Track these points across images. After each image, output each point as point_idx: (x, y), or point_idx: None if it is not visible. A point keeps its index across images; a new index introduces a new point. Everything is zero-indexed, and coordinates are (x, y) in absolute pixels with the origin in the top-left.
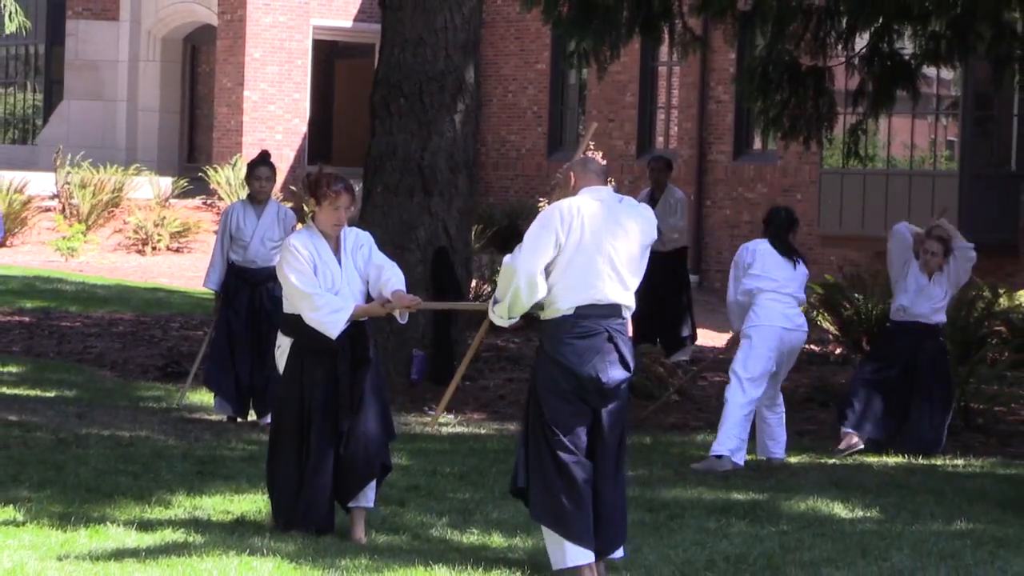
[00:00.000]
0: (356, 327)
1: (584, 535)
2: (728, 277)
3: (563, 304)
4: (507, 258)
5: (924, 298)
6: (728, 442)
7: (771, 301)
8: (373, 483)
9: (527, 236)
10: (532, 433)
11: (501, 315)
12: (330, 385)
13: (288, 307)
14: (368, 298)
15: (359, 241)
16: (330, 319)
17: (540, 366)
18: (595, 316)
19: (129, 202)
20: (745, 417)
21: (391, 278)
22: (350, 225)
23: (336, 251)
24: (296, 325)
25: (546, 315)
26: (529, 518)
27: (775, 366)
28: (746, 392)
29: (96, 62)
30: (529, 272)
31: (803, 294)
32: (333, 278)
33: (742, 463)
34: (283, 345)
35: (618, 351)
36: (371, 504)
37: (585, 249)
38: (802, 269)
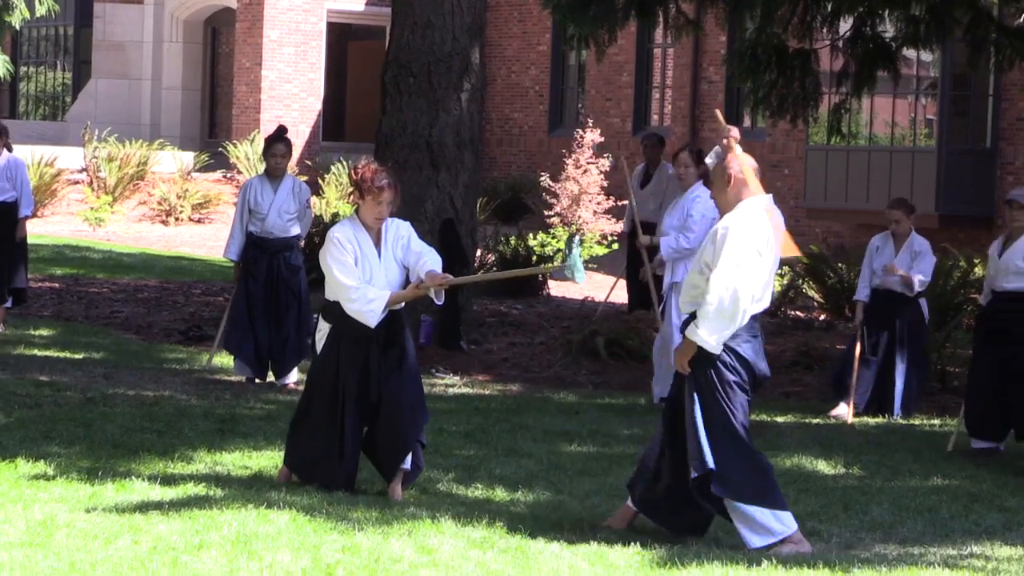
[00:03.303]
0: (392, 314)
1: (786, 503)
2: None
3: (752, 312)
4: (724, 279)
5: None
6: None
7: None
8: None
9: (734, 253)
10: (723, 422)
11: (721, 338)
12: (364, 368)
13: (329, 294)
14: (407, 285)
15: (399, 232)
16: (368, 309)
17: (723, 363)
18: (754, 318)
19: (153, 175)
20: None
21: (428, 261)
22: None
23: (377, 243)
24: (336, 313)
25: None
26: (530, 474)
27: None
28: None
29: (122, 43)
30: (748, 295)
31: None
32: (372, 270)
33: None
34: (323, 330)
35: (763, 349)
36: (408, 466)
37: (768, 259)
38: None
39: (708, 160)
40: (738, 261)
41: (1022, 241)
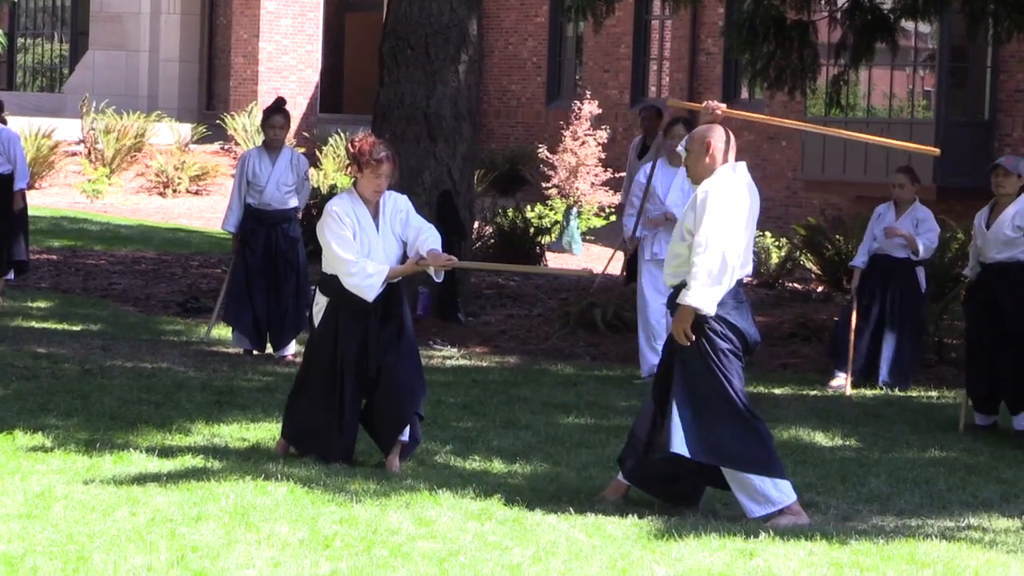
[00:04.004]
0: (390, 288)
1: (785, 472)
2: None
3: (737, 276)
4: (709, 241)
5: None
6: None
7: None
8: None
9: (716, 214)
10: (720, 391)
11: (714, 299)
12: (362, 341)
13: (327, 268)
14: (405, 259)
15: (398, 206)
16: (366, 283)
17: (714, 331)
18: (739, 284)
19: (151, 147)
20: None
21: (428, 238)
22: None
23: (375, 216)
24: (334, 286)
25: None
26: (528, 446)
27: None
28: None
29: (120, 14)
30: (734, 253)
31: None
32: (370, 243)
33: (644, 375)
34: (320, 303)
35: (751, 315)
36: (406, 438)
37: (749, 224)
38: None
39: (679, 149)
40: (721, 222)
41: (1009, 210)
